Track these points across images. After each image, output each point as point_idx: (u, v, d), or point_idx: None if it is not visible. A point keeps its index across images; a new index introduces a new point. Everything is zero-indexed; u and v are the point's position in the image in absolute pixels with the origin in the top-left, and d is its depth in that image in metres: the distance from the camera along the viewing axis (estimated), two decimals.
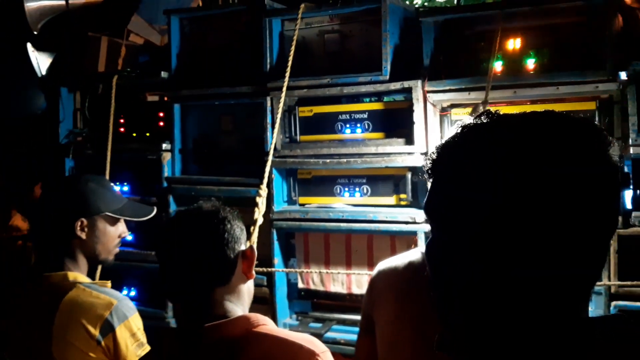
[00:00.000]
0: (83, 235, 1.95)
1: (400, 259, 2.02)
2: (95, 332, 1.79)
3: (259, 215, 2.67)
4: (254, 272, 1.54)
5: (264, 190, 2.69)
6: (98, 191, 2.00)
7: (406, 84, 2.58)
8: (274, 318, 2.91)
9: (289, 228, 2.90)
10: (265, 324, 1.44)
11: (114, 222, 2.03)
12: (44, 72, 5.96)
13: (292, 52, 2.72)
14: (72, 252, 1.95)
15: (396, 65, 2.66)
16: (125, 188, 3.35)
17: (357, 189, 2.85)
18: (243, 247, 1.52)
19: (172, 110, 3.16)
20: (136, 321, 1.89)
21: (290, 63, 2.72)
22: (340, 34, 2.83)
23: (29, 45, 5.81)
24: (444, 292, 0.87)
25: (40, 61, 5.94)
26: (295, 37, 2.75)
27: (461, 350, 0.84)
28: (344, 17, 2.80)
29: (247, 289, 1.54)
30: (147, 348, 1.90)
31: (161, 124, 3.30)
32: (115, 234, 2.05)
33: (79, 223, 1.94)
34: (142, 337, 1.89)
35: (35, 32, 5.94)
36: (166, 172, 3.17)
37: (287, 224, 2.87)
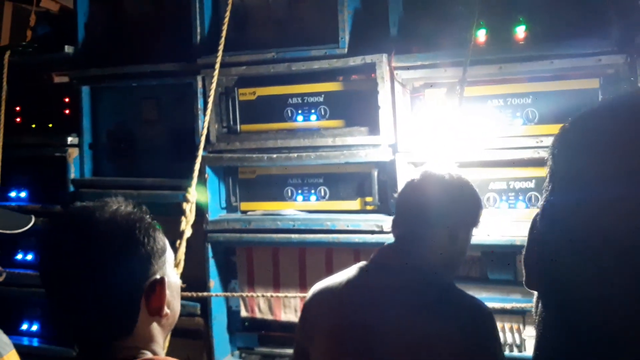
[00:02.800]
0: None
1: (337, 278, 2.08)
2: None
3: (186, 225, 2.69)
4: (167, 310, 1.44)
5: (192, 195, 2.71)
6: None
7: (368, 58, 2.63)
8: (210, 356, 2.94)
9: (228, 241, 2.93)
10: None
11: None
12: None
13: (226, 19, 2.75)
14: None
15: (357, 36, 2.71)
16: (23, 194, 3.36)
17: (312, 191, 2.89)
18: (156, 276, 1.43)
19: (80, 95, 3.19)
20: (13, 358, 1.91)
21: (224, 33, 2.75)
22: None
23: None
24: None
25: None
26: (230, 1, 2.78)
27: None
28: None
29: (161, 327, 1.47)
30: None
31: (67, 111, 3.33)
32: None
33: None
34: None
35: None
36: (73, 174, 3.19)
37: (225, 236, 2.90)
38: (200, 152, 2.80)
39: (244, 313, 3.00)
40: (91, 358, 1.40)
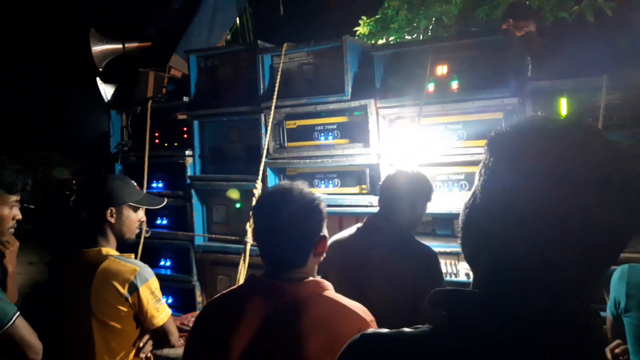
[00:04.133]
0: (112, 220, 1.99)
1: (343, 234, 2.11)
2: (124, 291, 1.86)
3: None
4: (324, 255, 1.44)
5: (259, 184, 2.76)
6: (122, 186, 2.05)
7: (363, 102, 2.63)
8: None
9: None
10: (329, 289, 1.38)
11: (135, 210, 2.07)
12: (108, 98, 6.05)
13: (278, 80, 2.78)
14: (104, 233, 1.99)
15: (356, 87, 2.70)
16: (160, 185, 3.42)
17: (330, 181, 2.90)
18: (323, 233, 1.40)
19: (193, 126, 3.23)
20: (154, 283, 1.94)
21: (277, 88, 2.77)
22: (314, 65, 2.87)
23: (98, 79, 5.89)
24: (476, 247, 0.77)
25: (107, 91, 6.03)
26: (280, 69, 2.80)
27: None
28: (316, 52, 2.85)
29: (317, 265, 1.46)
30: (163, 302, 1.96)
31: (185, 136, 3.36)
32: (136, 219, 2.07)
33: (109, 211, 1.99)
34: (159, 294, 1.95)
35: (100, 69, 6.02)
36: (189, 172, 3.23)
37: None
38: (263, 159, 2.83)
39: None
40: (279, 277, 1.36)
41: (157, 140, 3.45)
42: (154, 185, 3.40)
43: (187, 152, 3.22)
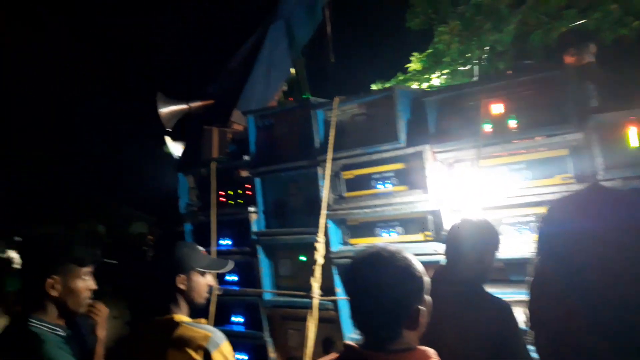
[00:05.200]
0: (182, 287, 2.07)
1: None
2: (197, 357, 1.91)
3: (319, 256, 2.76)
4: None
5: (321, 238, 2.78)
6: (190, 253, 2.14)
7: (418, 148, 2.61)
8: (341, 333, 2.95)
9: (345, 264, 2.93)
10: (434, 358, 1.34)
11: (203, 275, 2.14)
12: (177, 155, 6.43)
13: (332, 133, 2.83)
14: (175, 300, 2.06)
15: (410, 133, 2.70)
16: (228, 242, 3.52)
17: (391, 229, 2.86)
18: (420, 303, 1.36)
19: (254, 183, 3.34)
20: (227, 347, 1.96)
21: (331, 141, 2.82)
22: (366, 115, 2.90)
23: (167, 138, 6.29)
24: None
25: (175, 150, 6.41)
26: (333, 122, 2.85)
27: None
28: (367, 103, 2.88)
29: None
30: None
31: (249, 192, 3.48)
32: (205, 284, 2.12)
33: (179, 278, 2.07)
34: (232, 358, 1.98)
35: (168, 129, 6.42)
36: (254, 228, 3.32)
37: (343, 260, 2.90)
38: (324, 212, 2.85)
39: None
40: (376, 347, 1.33)
41: (222, 199, 3.58)
42: (222, 242, 3.52)
43: (251, 209, 3.31)
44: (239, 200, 3.53)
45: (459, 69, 6.03)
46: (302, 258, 3.21)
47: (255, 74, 5.98)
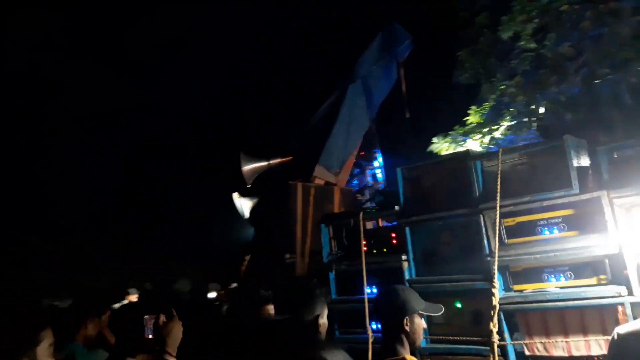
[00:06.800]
0: (408, 329, 2.20)
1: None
2: None
3: (496, 301, 2.83)
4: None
5: (497, 283, 2.87)
6: (411, 296, 2.28)
7: (595, 194, 2.73)
8: None
9: (512, 309, 2.99)
10: None
11: (420, 317, 2.27)
12: (247, 214, 6.65)
13: (499, 182, 2.98)
14: (401, 341, 2.19)
15: (580, 179, 2.82)
16: (375, 289, 3.62)
17: (561, 275, 2.92)
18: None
19: (404, 232, 3.49)
20: None
21: (499, 189, 2.97)
22: (529, 164, 3.06)
23: (235, 194, 6.56)
24: None
25: (244, 205, 6.63)
26: (499, 171, 3.02)
27: None
28: (529, 153, 3.06)
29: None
30: None
31: (394, 242, 3.62)
32: (422, 326, 2.27)
33: (405, 320, 2.20)
34: None
35: (248, 185, 6.71)
36: (407, 276, 3.43)
37: (510, 307, 2.97)
38: (496, 257, 2.95)
39: (527, 352, 2.99)
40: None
41: (365, 248, 3.73)
42: (368, 290, 3.62)
43: (403, 257, 3.44)
44: (383, 249, 3.67)
45: (524, 120, 6.22)
46: (458, 305, 3.28)
47: (335, 131, 6.27)
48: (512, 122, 6.26)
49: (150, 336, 2.00)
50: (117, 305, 5.68)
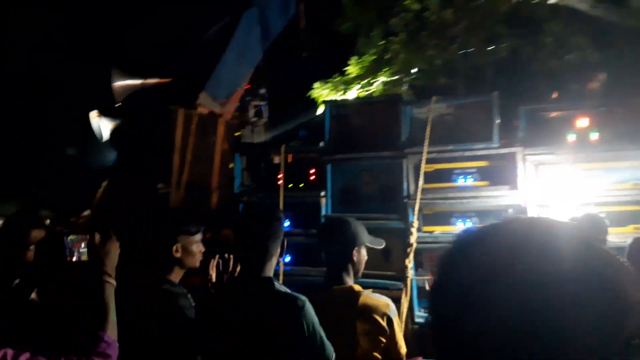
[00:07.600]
0: (355, 259, 2.21)
1: None
2: (383, 323, 2.06)
3: (413, 240, 3.00)
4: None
5: (416, 223, 3.03)
6: (360, 228, 2.27)
7: (511, 149, 2.98)
8: (410, 311, 3.19)
9: (420, 248, 3.20)
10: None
11: (365, 249, 2.29)
12: (105, 136, 6.16)
13: (428, 129, 3.09)
14: (348, 271, 2.20)
15: (500, 135, 3.06)
16: (287, 223, 3.58)
17: (467, 220, 3.19)
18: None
19: (326, 169, 3.47)
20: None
21: (428, 135, 3.08)
22: (454, 116, 3.22)
23: (92, 112, 5.98)
24: None
25: (103, 126, 6.14)
26: (430, 118, 3.13)
27: None
28: (458, 105, 3.21)
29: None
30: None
31: (312, 177, 3.59)
32: (365, 257, 2.30)
33: (355, 251, 2.20)
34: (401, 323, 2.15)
35: (119, 104, 6.16)
36: (324, 212, 3.45)
37: (420, 246, 3.17)
38: (419, 199, 3.10)
39: (427, 287, 3.25)
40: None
41: (279, 182, 3.65)
42: (286, 224, 3.56)
43: (322, 193, 3.44)
44: (299, 185, 3.63)
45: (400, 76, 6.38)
46: None
47: (226, 58, 5.89)
48: (390, 79, 6.31)
49: (75, 259, 1.73)
50: None
